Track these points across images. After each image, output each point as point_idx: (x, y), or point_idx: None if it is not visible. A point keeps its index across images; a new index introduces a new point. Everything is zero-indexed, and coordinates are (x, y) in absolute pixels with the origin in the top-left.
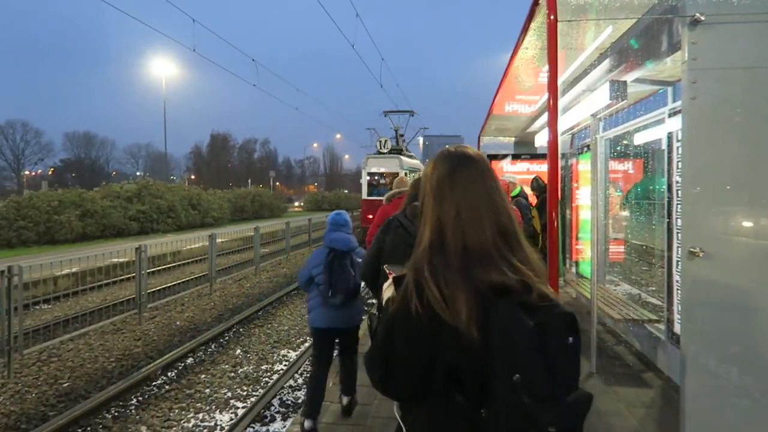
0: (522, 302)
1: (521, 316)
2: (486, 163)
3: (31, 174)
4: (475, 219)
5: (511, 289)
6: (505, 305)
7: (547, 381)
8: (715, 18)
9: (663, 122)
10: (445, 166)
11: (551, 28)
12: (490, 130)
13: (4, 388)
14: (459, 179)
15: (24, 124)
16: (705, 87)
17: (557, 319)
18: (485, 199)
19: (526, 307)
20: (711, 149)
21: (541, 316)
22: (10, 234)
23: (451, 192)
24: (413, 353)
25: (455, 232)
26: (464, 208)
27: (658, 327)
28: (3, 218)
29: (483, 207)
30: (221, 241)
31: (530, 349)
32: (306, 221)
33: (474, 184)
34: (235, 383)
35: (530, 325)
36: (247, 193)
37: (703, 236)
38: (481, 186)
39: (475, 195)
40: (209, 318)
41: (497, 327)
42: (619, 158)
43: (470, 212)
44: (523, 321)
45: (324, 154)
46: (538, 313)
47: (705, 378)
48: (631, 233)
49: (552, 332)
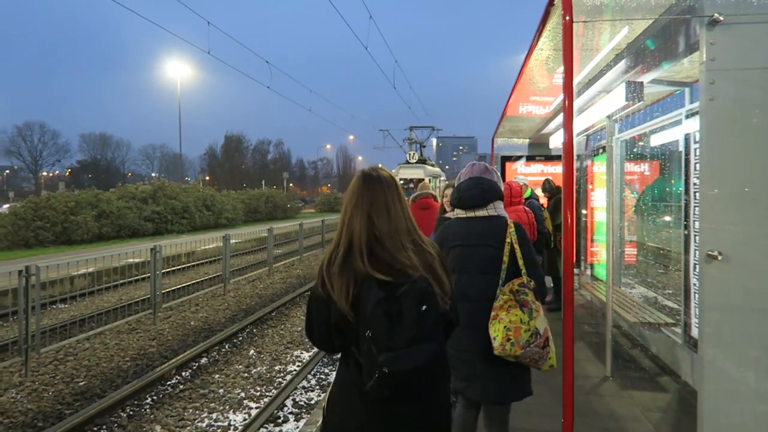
0: (383, 281)
1: (374, 290)
2: (387, 182)
3: (48, 175)
4: (358, 224)
5: (379, 273)
6: (367, 284)
7: (387, 336)
8: (734, 18)
9: (680, 123)
10: (355, 184)
11: (566, 29)
12: (504, 132)
13: (21, 387)
14: (356, 194)
15: (41, 125)
16: (723, 88)
17: (411, 293)
18: (378, 211)
19: (384, 285)
20: (729, 151)
21: (396, 290)
22: (28, 234)
23: (349, 204)
24: (317, 316)
25: (344, 234)
26: (352, 216)
27: (675, 331)
28: (21, 219)
29: (366, 215)
30: (235, 242)
31: (377, 314)
32: (319, 222)
33: (367, 198)
34: (248, 383)
35: (381, 296)
36: (261, 194)
37: (721, 239)
38: (374, 200)
39: (362, 206)
40: (223, 318)
41: (361, 299)
42: (635, 160)
43: (354, 219)
44: (375, 294)
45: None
46: (396, 289)
47: (723, 382)
48: (648, 236)
49: (406, 302)
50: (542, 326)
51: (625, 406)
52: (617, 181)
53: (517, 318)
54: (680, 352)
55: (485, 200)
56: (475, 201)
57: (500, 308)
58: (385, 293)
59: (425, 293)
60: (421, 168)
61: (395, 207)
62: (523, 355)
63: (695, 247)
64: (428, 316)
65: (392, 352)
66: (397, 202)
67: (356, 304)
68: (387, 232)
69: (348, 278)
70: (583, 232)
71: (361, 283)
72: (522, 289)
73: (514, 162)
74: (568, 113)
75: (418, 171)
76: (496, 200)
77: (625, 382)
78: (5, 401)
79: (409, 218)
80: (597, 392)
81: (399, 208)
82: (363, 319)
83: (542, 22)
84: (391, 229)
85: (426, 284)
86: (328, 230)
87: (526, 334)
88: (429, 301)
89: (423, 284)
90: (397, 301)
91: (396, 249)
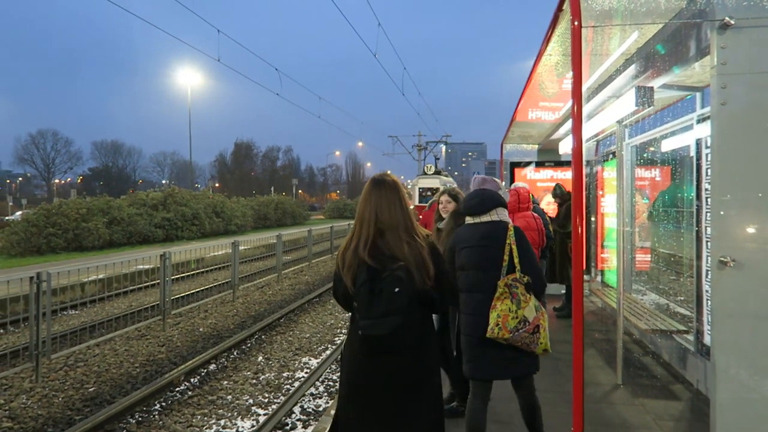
0: (372, 267)
1: (364, 273)
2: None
3: (60, 182)
4: (366, 219)
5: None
6: (362, 267)
7: (367, 308)
8: (745, 22)
9: (691, 128)
10: (366, 186)
11: (575, 34)
12: (514, 137)
13: (32, 392)
14: (366, 195)
15: (54, 133)
16: (735, 92)
17: (390, 278)
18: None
19: (372, 270)
20: (741, 155)
21: (380, 275)
22: (40, 241)
23: (361, 202)
24: (336, 285)
25: (357, 227)
26: (363, 212)
27: (687, 338)
28: (33, 225)
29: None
30: (244, 249)
31: (363, 290)
32: (328, 229)
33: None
34: (256, 390)
35: (367, 277)
36: (270, 200)
37: (733, 245)
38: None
39: (373, 208)
40: (232, 325)
41: (357, 278)
42: (646, 165)
43: (364, 215)
44: (363, 275)
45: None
46: (380, 273)
47: (736, 390)
48: (659, 242)
49: (385, 284)
50: (531, 315)
51: (637, 415)
52: (628, 186)
53: (506, 307)
54: (693, 360)
55: (486, 208)
56: (477, 209)
57: (497, 299)
58: (371, 276)
59: (400, 279)
60: (437, 178)
61: (396, 206)
62: (512, 339)
63: (707, 254)
64: (400, 297)
65: (369, 320)
66: (397, 203)
67: (354, 281)
68: (388, 227)
69: (352, 262)
70: (593, 238)
71: (359, 266)
72: (514, 283)
73: (523, 168)
74: (578, 119)
75: (434, 181)
76: (498, 207)
77: (637, 390)
78: (16, 407)
79: (407, 216)
80: (608, 400)
81: (399, 207)
82: (354, 293)
83: (551, 27)
84: (392, 224)
85: (404, 273)
86: (336, 237)
87: (514, 321)
88: (403, 285)
89: (401, 273)
90: (379, 283)
91: (393, 241)
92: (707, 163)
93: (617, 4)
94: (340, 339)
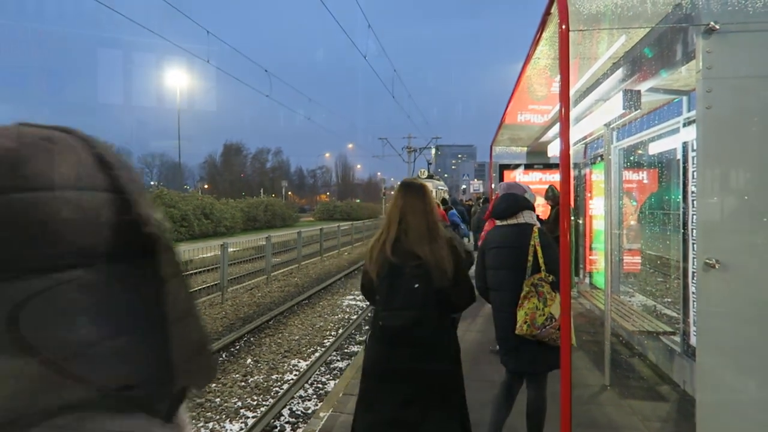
0: (394, 263)
1: (386, 268)
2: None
3: None
4: (394, 220)
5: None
6: (385, 263)
7: (386, 300)
8: (730, 27)
9: (678, 132)
10: (396, 189)
11: (563, 38)
12: (503, 140)
13: None
14: (396, 198)
15: None
16: (720, 96)
17: (409, 274)
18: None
19: (394, 265)
20: (727, 159)
21: (401, 270)
22: None
23: (391, 204)
24: (363, 278)
25: (386, 225)
26: (392, 213)
27: (674, 339)
28: None
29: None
30: (233, 251)
31: (384, 284)
32: (318, 231)
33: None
34: (245, 393)
35: (388, 272)
36: (260, 202)
37: (719, 247)
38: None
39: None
40: (220, 327)
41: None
42: (633, 168)
43: (392, 216)
44: (386, 270)
45: (336, 163)
46: (402, 269)
47: (721, 392)
48: (646, 244)
49: (405, 279)
50: (557, 312)
51: (624, 416)
52: (615, 189)
53: (533, 305)
54: (679, 361)
55: (512, 212)
56: (504, 213)
57: (524, 297)
58: (392, 271)
59: (419, 276)
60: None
61: (420, 209)
62: (540, 335)
63: (693, 255)
64: (418, 292)
65: (387, 312)
66: (422, 206)
67: (378, 275)
68: (412, 227)
69: (377, 258)
70: (581, 240)
71: (383, 262)
72: (540, 282)
73: (512, 170)
74: (565, 122)
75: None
76: (524, 210)
77: (624, 391)
78: None
79: (431, 218)
80: (596, 401)
81: (423, 210)
82: (377, 286)
83: (539, 31)
84: (416, 225)
85: (423, 270)
86: (326, 238)
87: (541, 318)
88: (421, 282)
89: (420, 270)
90: (399, 278)
91: (416, 240)
92: (693, 166)
93: (605, 8)
94: (329, 341)
